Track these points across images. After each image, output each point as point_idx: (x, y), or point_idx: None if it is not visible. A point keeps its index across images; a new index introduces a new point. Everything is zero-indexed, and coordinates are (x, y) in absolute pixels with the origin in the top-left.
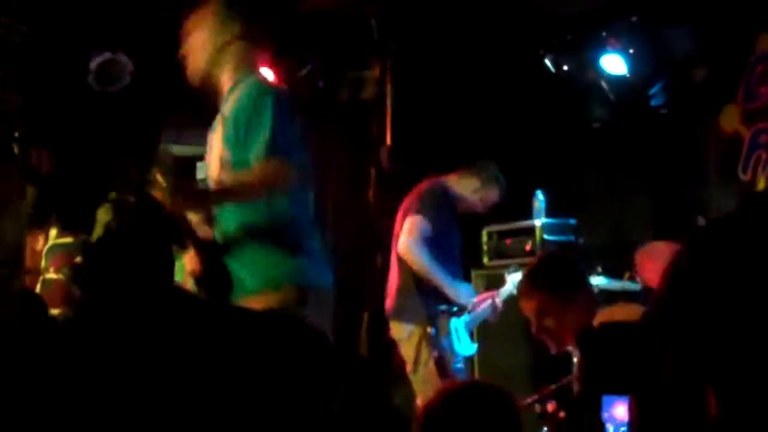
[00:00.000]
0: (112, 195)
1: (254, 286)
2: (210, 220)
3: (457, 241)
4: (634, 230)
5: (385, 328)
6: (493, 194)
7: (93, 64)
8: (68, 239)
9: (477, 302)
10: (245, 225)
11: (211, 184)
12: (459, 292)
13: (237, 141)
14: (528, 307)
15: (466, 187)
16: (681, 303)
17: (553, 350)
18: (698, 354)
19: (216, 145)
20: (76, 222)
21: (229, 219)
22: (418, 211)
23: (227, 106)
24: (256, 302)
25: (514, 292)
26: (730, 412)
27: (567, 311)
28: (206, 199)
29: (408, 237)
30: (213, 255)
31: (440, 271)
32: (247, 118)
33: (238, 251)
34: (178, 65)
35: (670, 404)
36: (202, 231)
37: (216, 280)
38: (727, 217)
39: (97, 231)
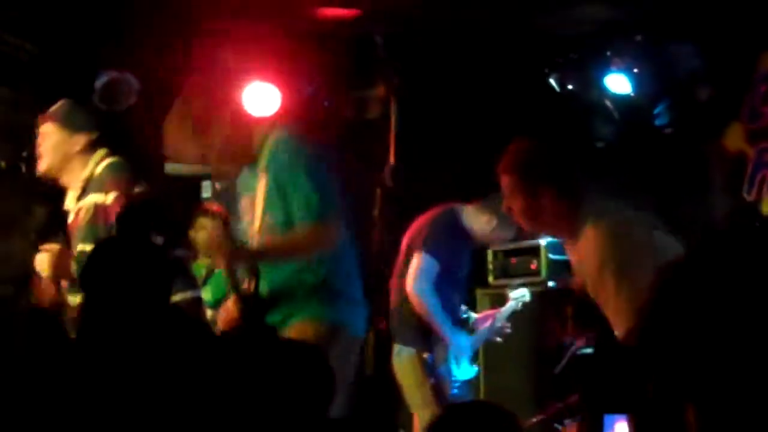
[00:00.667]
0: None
1: (287, 320)
2: (254, 275)
3: (465, 268)
4: None
5: (391, 345)
6: (508, 233)
7: (98, 84)
8: None
9: (478, 320)
10: (289, 277)
11: (254, 241)
12: (457, 343)
13: (279, 203)
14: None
15: (482, 224)
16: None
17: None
18: (677, 375)
19: (258, 204)
20: None
21: (273, 272)
22: (424, 247)
23: (263, 161)
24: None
25: (518, 308)
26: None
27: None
28: (252, 258)
29: (415, 280)
30: (252, 310)
31: (442, 318)
32: (287, 179)
33: (279, 297)
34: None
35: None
36: (244, 285)
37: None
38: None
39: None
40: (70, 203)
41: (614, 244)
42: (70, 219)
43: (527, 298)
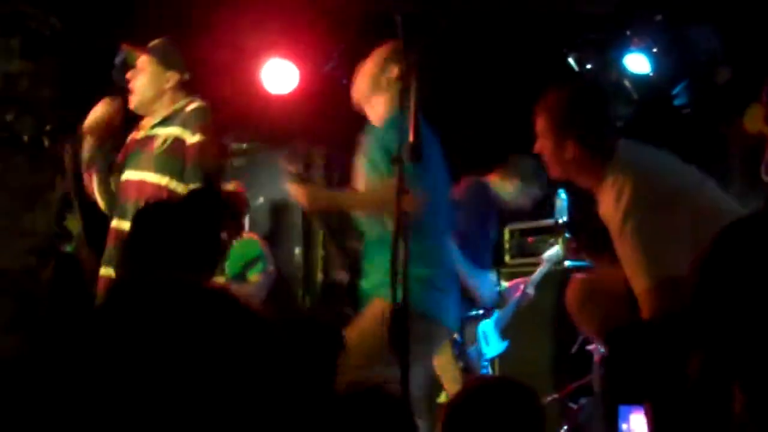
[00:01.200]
0: None
1: (369, 290)
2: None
3: (492, 236)
4: None
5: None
6: (535, 191)
7: (118, 60)
8: None
9: (509, 289)
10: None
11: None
12: (480, 285)
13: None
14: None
15: (509, 190)
16: (709, 301)
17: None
18: (728, 351)
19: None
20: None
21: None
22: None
23: (366, 144)
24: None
25: (552, 269)
26: (757, 410)
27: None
28: (330, 200)
29: None
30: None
31: (463, 265)
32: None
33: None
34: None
35: (698, 403)
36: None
37: None
38: (755, 216)
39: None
40: (144, 125)
41: (634, 199)
42: (139, 136)
43: (561, 256)
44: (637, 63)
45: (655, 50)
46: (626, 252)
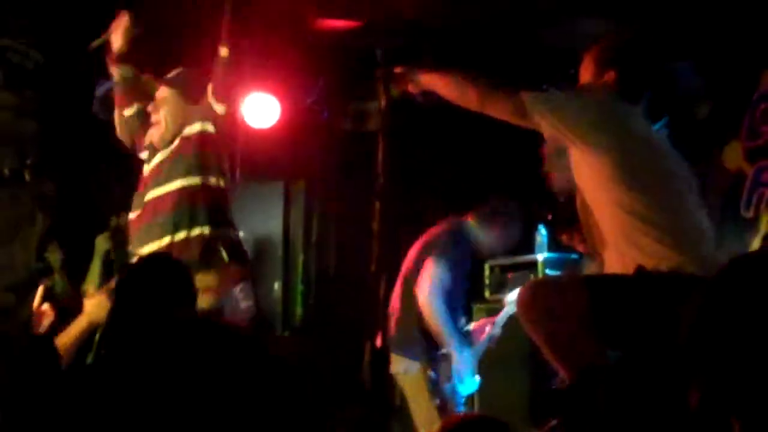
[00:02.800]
0: (113, 221)
1: None
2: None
3: (467, 280)
4: None
5: (388, 360)
6: (514, 236)
7: (98, 93)
8: None
9: (475, 331)
10: None
11: None
12: (463, 357)
13: None
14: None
15: (489, 235)
16: (709, 335)
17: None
18: (726, 384)
19: None
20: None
21: None
22: (440, 256)
23: None
24: None
25: (514, 312)
26: None
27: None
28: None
29: (429, 287)
30: None
31: (452, 330)
32: None
33: None
34: None
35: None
36: None
37: None
38: (756, 255)
39: (96, 260)
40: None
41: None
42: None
43: None
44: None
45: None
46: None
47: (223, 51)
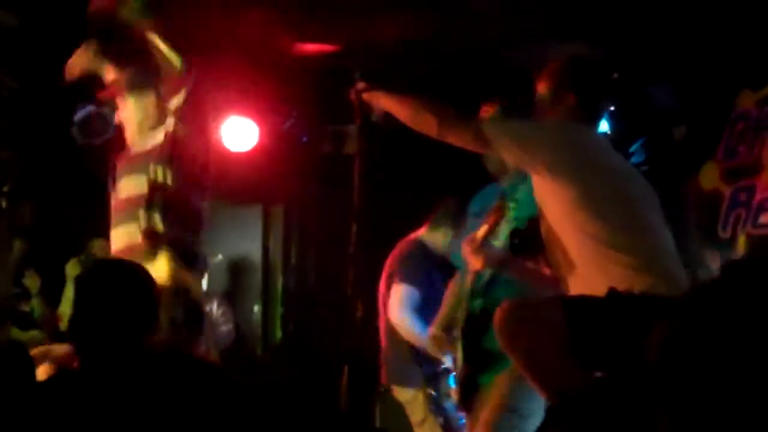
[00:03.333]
0: (89, 245)
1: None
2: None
3: (441, 288)
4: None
5: (366, 381)
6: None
7: (77, 117)
8: None
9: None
10: None
11: None
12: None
13: None
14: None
15: (440, 240)
16: (675, 359)
17: None
18: (693, 410)
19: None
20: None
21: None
22: (402, 279)
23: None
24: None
25: None
26: None
27: None
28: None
29: (396, 309)
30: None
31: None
32: None
33: None
34: None
35: None
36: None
37: None
38: (715, 283)
39: (69, 285)
40: None
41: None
42: None
43: None
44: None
45: (612, 108)
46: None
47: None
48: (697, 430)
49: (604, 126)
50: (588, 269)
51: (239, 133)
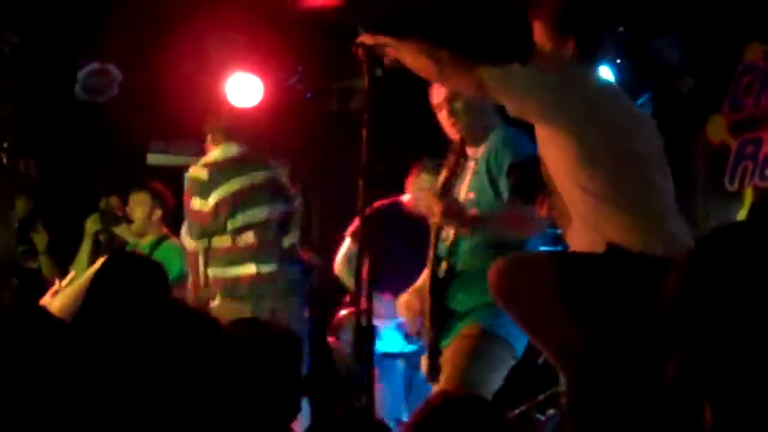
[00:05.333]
0: (103, 203)
1: (464, 306)
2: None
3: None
4: None
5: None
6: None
7: (81, 75)
8: None
9: None
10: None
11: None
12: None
13: (487, 187)
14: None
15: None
16: (690, 310)
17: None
18: (703, 363)
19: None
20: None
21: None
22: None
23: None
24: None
25: None
26: (724, 426)
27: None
28: (466, 218)
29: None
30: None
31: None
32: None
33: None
34: (167, 75)
35: (668, 411)
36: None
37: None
38: (739, 224)
39: (86, 241)
40: None
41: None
42: None
43: None
44: (601, 74)
45: (618, 61)
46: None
47: None
48: (712, 369)
49: (610, 78)
50: (585, 226)
51: (244, 89)
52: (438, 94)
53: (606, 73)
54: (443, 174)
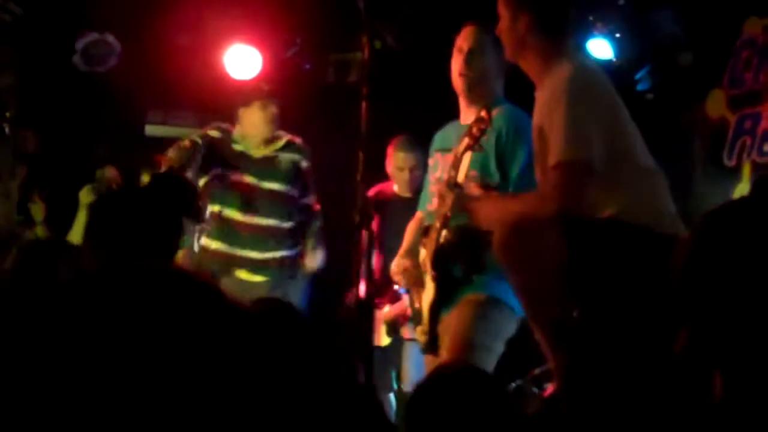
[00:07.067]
0: (99, 173)
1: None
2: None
3: None
4: None
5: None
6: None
7: (80, 44)
8: None
9: None
10: None
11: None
12: None
13: (491, 164)
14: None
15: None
16: (698, 284)
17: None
18: (711, 335)
19: (464, 160)
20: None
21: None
22: None
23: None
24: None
25: None
26: (735, 396)
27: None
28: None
29: None
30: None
31: None
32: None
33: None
34: (165, 46)
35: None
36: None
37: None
38: (743, 200)
39: (81, 212)
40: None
41: (578, 84)
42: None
43: None
44: (600, 48)
45: (617, 35)
46: (553, 128)
47: None
48: (722, 341)
49: (609, 53)
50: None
51: (242, 61)
52: (468, 37)
53: (605, 47)
54: (452, 161)
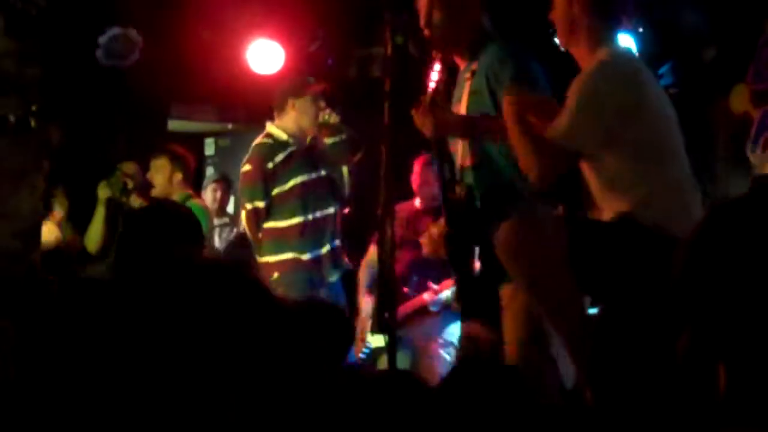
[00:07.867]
0: (119, 168)
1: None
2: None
3: None
4: None
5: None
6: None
7: (102, 39)
8: None
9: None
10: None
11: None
12: None
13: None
14: None
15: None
16: (698, 283)
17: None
18: (715, 330)
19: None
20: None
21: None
22: None
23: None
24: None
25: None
26: (740, 390)
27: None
28: (461, 126)
29: None
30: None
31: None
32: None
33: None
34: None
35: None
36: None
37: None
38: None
39: (99, 207)
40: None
41: (608, 72)
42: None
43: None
44: (624, 42)
45: (641, 30)
46: (566, 101)
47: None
48: (723, 341)
49: (633, 48)
50: (607, 194)
51: (265, 56)
52: None
53: (628, 41)
54: (431, 88)
